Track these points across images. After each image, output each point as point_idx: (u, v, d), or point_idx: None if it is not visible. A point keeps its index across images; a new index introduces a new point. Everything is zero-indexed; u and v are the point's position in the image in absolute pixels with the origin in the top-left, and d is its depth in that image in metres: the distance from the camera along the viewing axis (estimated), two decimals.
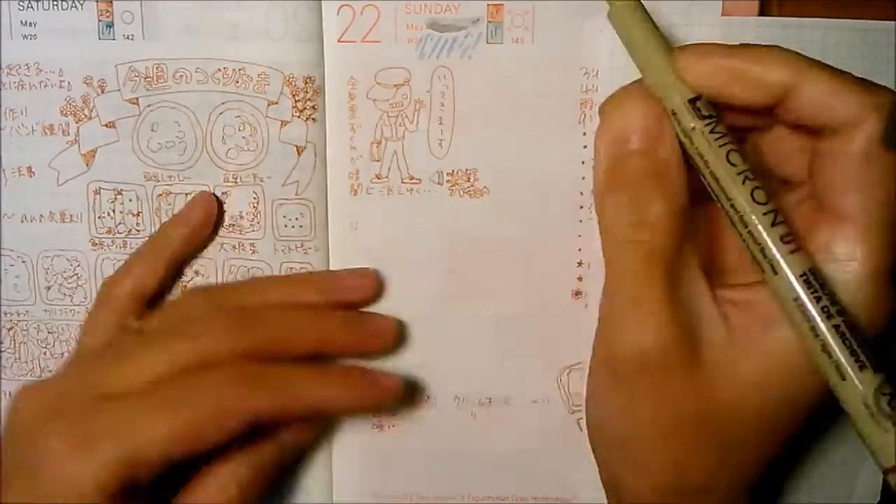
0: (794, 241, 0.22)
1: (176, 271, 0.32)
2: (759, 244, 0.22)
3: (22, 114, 0.31)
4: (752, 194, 0.22)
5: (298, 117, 0.31)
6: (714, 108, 0.23)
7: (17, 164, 0.32)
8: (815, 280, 0.22)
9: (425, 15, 0.30)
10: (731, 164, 0.22)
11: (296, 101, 0.31)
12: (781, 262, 0.22)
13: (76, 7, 0.30)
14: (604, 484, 0.29)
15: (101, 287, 0.31)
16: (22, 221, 0.32)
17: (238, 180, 0.31)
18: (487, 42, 0.30)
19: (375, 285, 0.31)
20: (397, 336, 0.31)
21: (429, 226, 0.31)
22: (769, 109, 0.23)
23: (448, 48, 0.30)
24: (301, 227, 0.32)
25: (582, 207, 0.31)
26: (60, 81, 0.31)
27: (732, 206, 0.23)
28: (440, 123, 0.31)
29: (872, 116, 0.22)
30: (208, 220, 0.31)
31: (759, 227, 0.22)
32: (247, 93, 0.31)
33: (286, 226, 0.32)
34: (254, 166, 0.31)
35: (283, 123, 0.31)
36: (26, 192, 0.32)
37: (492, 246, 0.31)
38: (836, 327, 0.21)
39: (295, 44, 0.30)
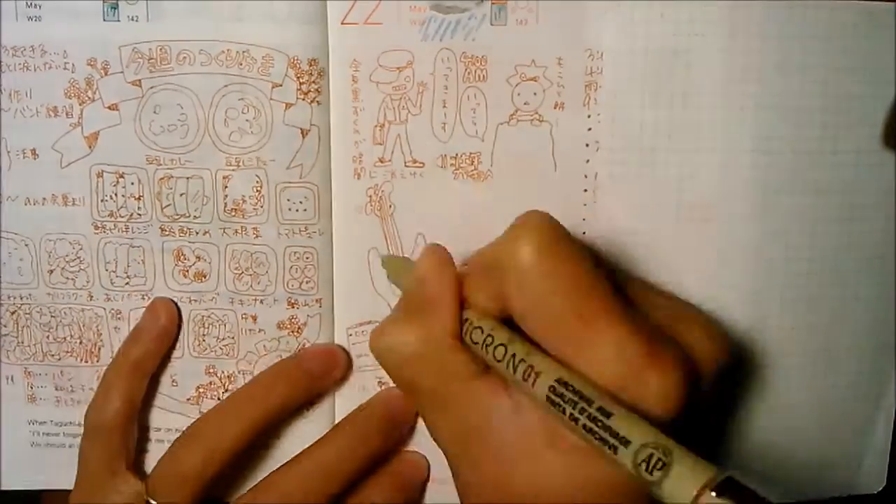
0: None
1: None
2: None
3: (26, 96, 0.31)
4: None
5: (303, 100, 0.31)
6: None
7: (21, 146, 0.32)
8: (560, 389, 0.22)
9: None
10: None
11: (300, 84, 0.30)
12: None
13: None
14: None
15: (88, 414, 0.32)
16: (25, 204, 0.32)
17: (241, 164, 0.31)
18: (491, 24, 0.30)
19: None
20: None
21: (432, 209, 0.31)
22: None
23: (451, 30, 0.30)
24: (305, 210, 0.32)
25: (586, 191, 0.31)
26: (65, 63, 0.31)
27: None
28: (444, 106, 0.31)
29: None
30: (171, 322, 0.32)
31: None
32: (251, 75, 0.30)
33: (290, 209, 0.32)
34: (257, 149, 0.31)
35: (288, 106, 0.31)
36: (30, 175, 0.32)
37: (496, 229, 0.31)
38: (589, 421, 0.21)
39: (299, 25, 0.30)
